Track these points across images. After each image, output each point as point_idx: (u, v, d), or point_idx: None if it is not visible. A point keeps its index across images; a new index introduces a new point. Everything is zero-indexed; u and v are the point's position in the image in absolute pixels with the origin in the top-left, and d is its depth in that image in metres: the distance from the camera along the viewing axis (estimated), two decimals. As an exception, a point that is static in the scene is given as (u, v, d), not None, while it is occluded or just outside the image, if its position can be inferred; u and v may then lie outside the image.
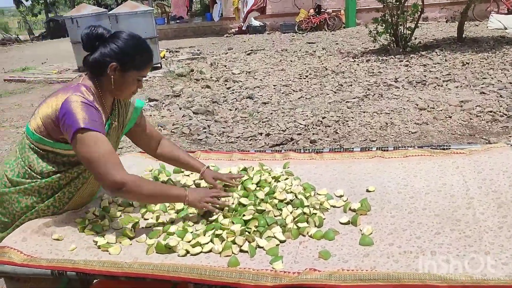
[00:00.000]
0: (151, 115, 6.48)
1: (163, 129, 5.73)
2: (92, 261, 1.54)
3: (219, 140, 5.26)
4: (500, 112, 5.25)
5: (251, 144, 5.09)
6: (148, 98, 7.43)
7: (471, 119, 5.17)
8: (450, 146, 2.21)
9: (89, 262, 1.53)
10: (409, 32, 9.71)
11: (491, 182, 1.82)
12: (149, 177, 2.22)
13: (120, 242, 1.69)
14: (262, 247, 1.57)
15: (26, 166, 1.77)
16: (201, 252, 1.59)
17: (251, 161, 2.34)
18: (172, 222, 1.82)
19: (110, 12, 10.26)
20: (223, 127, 5.69)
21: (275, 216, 1.74)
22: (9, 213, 1.81)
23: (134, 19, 9.57)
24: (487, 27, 12.02)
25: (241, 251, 1.57)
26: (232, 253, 1.56)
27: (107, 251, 1.63)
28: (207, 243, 1.61)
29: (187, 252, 1.59)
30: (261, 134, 5.32)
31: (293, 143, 4.90)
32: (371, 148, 2.32)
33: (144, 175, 2.23)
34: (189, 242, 1.63)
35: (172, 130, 5.70)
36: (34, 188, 1.77)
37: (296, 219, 1.71)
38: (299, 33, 15.62)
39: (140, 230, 1.78)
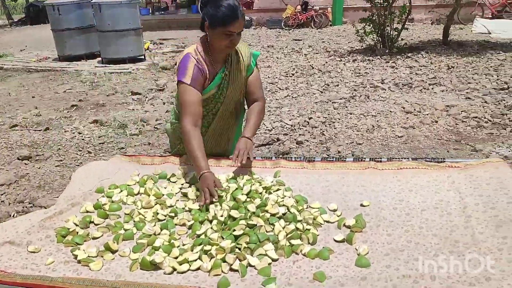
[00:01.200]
0: (134, 109, 6.33)
1: (146, 125, 5.59)
2: (71, 279, 1.43)
3: (204, 138, 5.15)
4: (485, 118, 5.27)
5: (236, 143, 4.99)
6: (131, 91, 7.26)
7: (457, 124, 5.18)
8: (444, 159, 2.16)
9: (67, 280, 1.42)
10: (396, 33, 9.71)
11: (488, 199, 1.78)
12: (136, 182, 2.14)
13: (102, 256, 1.59)
14: (253, 266, 1.49)
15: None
16: (188, 270, 1.50)
17: (240, 168, 2.25)
18: (158, 234, 1.72)
19: (94, 0, 9.97)
20: (208, 125, 5.57)
21: (267, 232, 1.66)
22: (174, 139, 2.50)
23: (118, 9, 9.33)
24: (472, 31, 12.13)
25: (231, 269, 1.49)
26: (222, 272, 1.48)
27: (88, 266, 1.53)
28: (195, 260, 1.52)
29: (174, 269, 1.50)
30: (246, 133, 5.21)
31: (279, 144, 4.83)
32: (364, 158, 2.26)
33: (132, 179, 2.15)
34: (176, 258, 1.54)
35: (155, 126, 5.56)
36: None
37: (289, 235, 1.63)
38: (286, 30, 15.52)
39: (123, 243, 1.68)
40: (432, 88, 6.69)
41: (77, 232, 1.73)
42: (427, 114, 5.49)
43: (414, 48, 9.94)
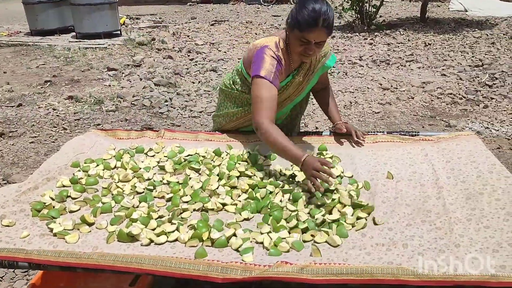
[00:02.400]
0: (110, 85, 6.21)
1: (123, 101, 5.50)
2: (46, 251, 1.42)
3: (182, 114, 5.11)
4: (459, 95, 5.36)
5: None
6: (107, 67, 7.11)
7: (432, 100, 5.26)
8: (418, 132, 2.20)
9: (43, 252, 1.41)
10: (374, 9, 9.72)
11: (459, 173, 1.83)
12: (112, 156, 2.12)
13: (78, 229, 1.58)
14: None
15: (231, 79, 2.26)
16: (166, 241, 1.51)
17: (218, 142, 2.26)
18: (136, 207, 1.72)
19: (66, -28, 9.63)
20: (186, 101, 5.52)
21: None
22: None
23: (92, -18, 9.05)
24: (449, 8, 12.22)
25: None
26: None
27: (64, 239, 1.52)
28: (172, 232, 1.53)
29: (151, 241, 1.50)
30: (225, 109, 5.19)
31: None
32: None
33: (107, 154, 2.13)
34: (153, 230, 1.54)
35: (132, 102, 5.48)
36: (233, 94, 2.25)
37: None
38: (264, 5, 15.36)
39: (101, 216, 1.67)
40: (409, 65, 6.76)
41: (53, 206, 1.71)
42: (404, 91, 5.56)
43: (392, 25, 9.99)
